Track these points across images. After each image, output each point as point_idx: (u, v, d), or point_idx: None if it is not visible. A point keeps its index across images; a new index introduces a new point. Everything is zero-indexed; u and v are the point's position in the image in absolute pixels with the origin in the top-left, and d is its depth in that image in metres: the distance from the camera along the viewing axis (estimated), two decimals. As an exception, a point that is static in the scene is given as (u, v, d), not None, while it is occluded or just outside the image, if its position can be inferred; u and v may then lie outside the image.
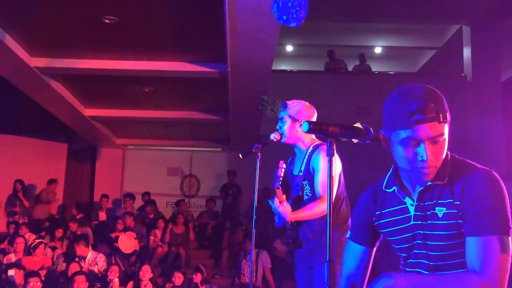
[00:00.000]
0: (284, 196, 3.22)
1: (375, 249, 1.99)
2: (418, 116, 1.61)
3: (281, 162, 3.25)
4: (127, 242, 8.08)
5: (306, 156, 3.32)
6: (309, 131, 1.78)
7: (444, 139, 1.67)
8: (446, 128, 1.66)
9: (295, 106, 3.35)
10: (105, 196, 10.95)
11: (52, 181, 11.41)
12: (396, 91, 1.71)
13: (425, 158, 1.65)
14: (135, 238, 8.37)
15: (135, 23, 6.17)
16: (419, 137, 1.63)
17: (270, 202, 3.21)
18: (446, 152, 1.76)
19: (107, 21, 6.02)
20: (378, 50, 13.55)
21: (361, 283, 1.99)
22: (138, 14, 5.95)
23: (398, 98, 1.68)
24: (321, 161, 3.21)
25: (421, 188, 1.76)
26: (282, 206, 3.16)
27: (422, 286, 1.64)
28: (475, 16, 10.83)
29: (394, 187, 1.83)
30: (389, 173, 1.88)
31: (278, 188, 3.18)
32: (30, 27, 6.32)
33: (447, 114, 1.65)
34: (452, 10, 10.66)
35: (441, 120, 1.62)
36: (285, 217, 3.17)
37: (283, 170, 3.22)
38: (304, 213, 3.19)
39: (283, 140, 3.36)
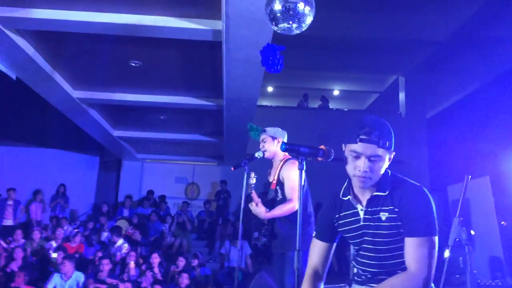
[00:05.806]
0: (260, 199, 3.19)
1: (335, 244, 1.95)
2: (363, 136, 1.64)
3: (252, 173, 3.24)
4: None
5: (278, 168, 3.29)
6: (285, 150, 1.78)
7: (381, 160, 1.67)
8: (384, 153, 1.67)
9: (273, 129, 3.37)
10: (129, 196, 10.75)
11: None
12: (362, 117, 1.72)
13: (361, 169, 1.66)
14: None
15: (154, 67, 6.17)
16: (359, 151, 1.66)
17: (249, 205, 3.19)
18: (387, 170, 1.76)
19: (133, 64, 6.02)
20: (336, 92, 13.62)
21: (322, 272, 1.94)
22: (157, 60, 5.96)
23: (359, 122, 1.69)
24: (288, 172, 3.18)
25: (369, 197, 1.75)
26: (257, 207, 3.13)
27: None
28: (408, 69, 11.10)
29: (349, 196, 1.80)
30: (345, 184, 1.85)
31: (251, 193, 3.17)
32: (74, 67, 6.29)
33: (388, 143, 1.66)
34: (392, 65, 10.88)
35: (380, 145, 1.64)
36: (260, 216, 3.14)
37: (254, 179, 3.20)
38: (276, 212, 3.15)
39: (265, 155, 3.35)
